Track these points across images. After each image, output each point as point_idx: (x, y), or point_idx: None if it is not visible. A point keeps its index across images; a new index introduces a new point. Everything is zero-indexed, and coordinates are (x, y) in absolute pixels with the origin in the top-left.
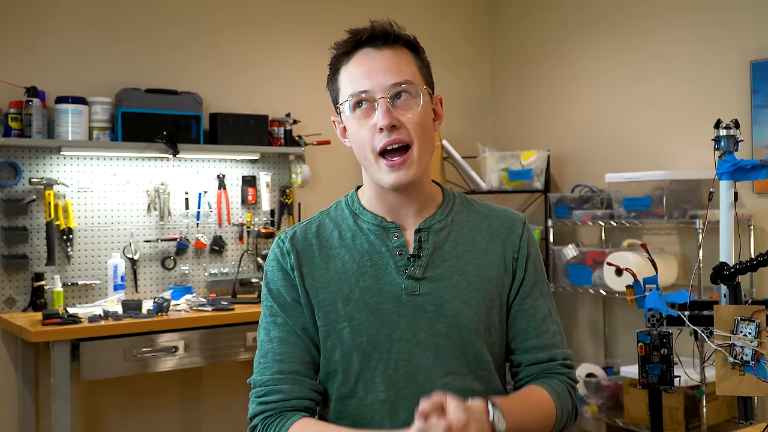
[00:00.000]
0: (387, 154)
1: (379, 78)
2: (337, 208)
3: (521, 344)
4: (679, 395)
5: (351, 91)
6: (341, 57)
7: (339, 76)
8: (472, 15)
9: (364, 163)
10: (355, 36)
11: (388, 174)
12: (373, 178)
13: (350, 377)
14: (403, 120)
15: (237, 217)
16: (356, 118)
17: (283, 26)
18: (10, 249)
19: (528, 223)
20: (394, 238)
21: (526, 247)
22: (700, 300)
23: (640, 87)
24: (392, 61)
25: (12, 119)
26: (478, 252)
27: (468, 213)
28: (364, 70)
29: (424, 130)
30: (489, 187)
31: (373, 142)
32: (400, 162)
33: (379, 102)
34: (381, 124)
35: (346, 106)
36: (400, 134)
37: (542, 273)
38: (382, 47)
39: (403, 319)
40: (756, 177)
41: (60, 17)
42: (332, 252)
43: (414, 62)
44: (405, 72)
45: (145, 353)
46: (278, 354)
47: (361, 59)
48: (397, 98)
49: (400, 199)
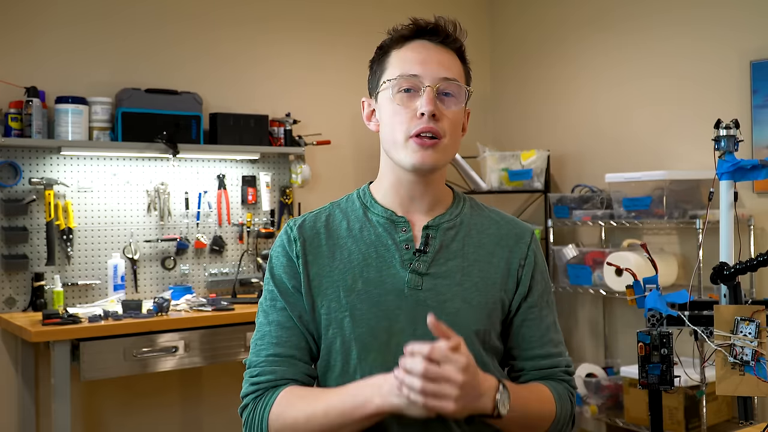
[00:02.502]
0: (419, 136)
1: (432, 68)
2: (348, 200)
3: (525, 352)
4: (679, 395)
5: (400, 72)
6: (397, 40)
7: (389, 57)
8: (472, 14)
9: (389, 146)
10: (418, 25)
11: (415, 152)
12: (396, 160)
13: (349, 368)
14: (443, 111)
15: (237, 217)
16: (397, 101)
17: (283, 25)
18: (10, 249)
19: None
20: (402, 232)
21: (533, 257)
22: (700, 300)
23: (640, 86)
24: (446, 57)
25: (12, 119)
26: (484, 255)
27: (477, 217)
28: (419, 57)
29: (456, 130)
30: (489, 187)
31: (409, 125)
32: (430, 143)
33: (425, 89)
34: (424, 110)
35: (390, 85)
36: (437, 125)
37: (549, 283)
38: (440, 44)
39: (403, 312)
40: (756, 177)
41: (59, 17)
42: (339, 242)
43: (462, 68)
44: (455, 71)
45: (145, 353)
46: (275, 337)
47: (418, 47)
48: (442, 94)
49: (415, 191)
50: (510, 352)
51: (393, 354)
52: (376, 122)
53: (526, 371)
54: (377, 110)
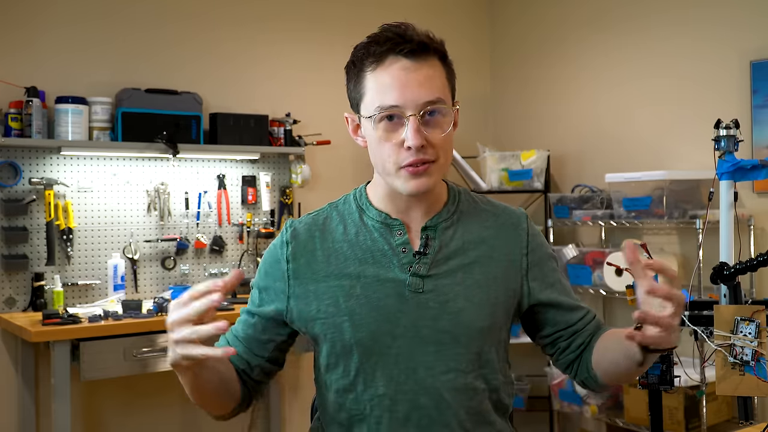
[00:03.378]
0: (410, 166)
1: (412, 93)
2: (345, 202)
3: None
4: (679, 395)
5: (380, 103)
6: (370, 60)
7: (365, 80)
8: (472, 14)
9: (381, 172)
10: (390, 43)
11: (408, 181)
12: (390, 185)
13: (350, 371)
14: (431, 139)
15: (237, 217)
16: (381, 131)
17: (284, 25)
18: (10, 249)
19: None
20: (397, 236)
21: (534, 240)
22: (700, 300)
23: (640, 86)
24: (425, 75)
25: (12, 119)
26: (484, 250)
27: (474, 211)
28: (397, 83)
29: (447, 145)
30: (489, 187)
31: (398, 157)
32: (423, 170)
33: (409, 120)
34: (411, 144)
35: (371, 119)
36: (426, 154)
37: (552, 252)
38: (417, 59)
39: (405, 315)
40: (756, 177)
41: (59, 17)
42: (335, 246)
43: (444, 74)
44: (437, 88)
45: (145, 353)
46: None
47: (395, 70)
48: (428, 115)
49: (411, 200)
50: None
51: (395, 357)
52: (363, 139)
53: (579, 332)
54: (362, 128)
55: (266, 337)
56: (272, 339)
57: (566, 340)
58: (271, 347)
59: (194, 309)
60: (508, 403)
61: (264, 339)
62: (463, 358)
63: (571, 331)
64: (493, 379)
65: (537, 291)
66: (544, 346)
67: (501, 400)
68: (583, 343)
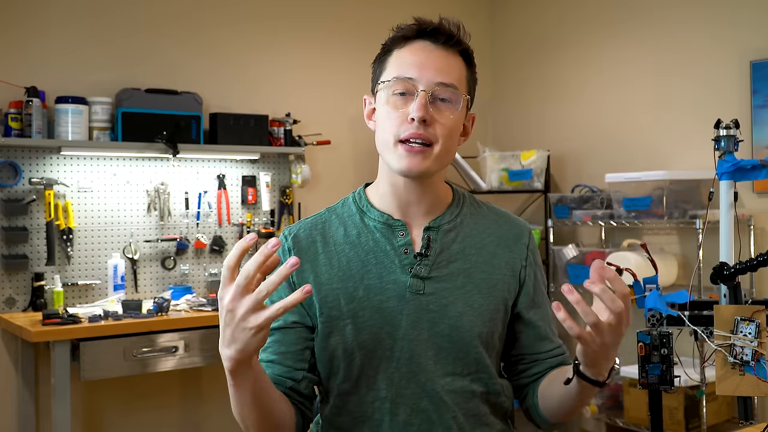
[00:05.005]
0: (408, 142)
1: (428, 72)
2: (344, 205)
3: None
4: (679, 395)
5: (396, 74)
6: (398, 40)
7: (390, 57)
8: (472, 14)
9: (381, 148)
10: (420, 25)
11: (403, 158)
12: (386, 162)
13: (352, 374)
14: (435, 118)
15: (237, 217)
16: (390, 103)
17: (284, 25)
18: (10, 249)
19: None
20: (399, 236)
21: (533, 256)
22: (700, 300)
23: (640, 86)
24: (446, 62)
25: (12, 119)
26: (485, 256)
27: (477, 215)
28: (417, 59)
29: (450, 137)
30: (489, 187)
31: (399, 128)
32: (419, 150)
33: (419, 94)
34: (414, 115)
35: (385, 86)
36: (427, 131)
37: (544, 275)
38: (441, 46)
39: (405, 317)
40: (756, 177)
41: (60, 17)
42: (337, 249)
43: (465, 72)
44: (454, 76)
45: (145, 353)
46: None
47: (417, 49)
48: (438, 99)
49: (411, 196)
50: (518, 345)
51: (396, 358)
52: (375, 122)
53: (540, 362)
54: (376, 102)
55: (300, 347)
56: (306, 346)
57: (525, 364)
58: (308, 355)
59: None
60: (508, 406)
61: (298, 349)
62: (461, 362)
63: (533, 358)
64: (491, 383)
65: (523, 306)
66: (504, 362)
67: (500, 403)
68: (539, 373)
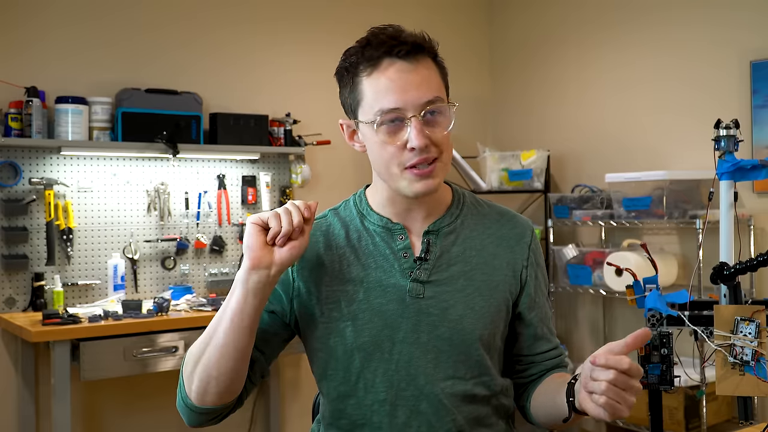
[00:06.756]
0: (415, 167)
1: (411, 95)
2: (346, 207)
3: (535, 346)
4: (679, 395)
5: (379, 107)
6: (365, 64)
7: (360, 86)
8: (472, 14)
9: (385, 176)
10: (385, 46)
11: (413, 183)
12: (394, 188)
13: (351, 376)
14: (433, 138)
15: (237, 217)
16: (382, 135)
17: (284, 26)
18: (10, 249)
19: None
20: (399, 240)
21: (534, 256)
22: (700, 300)
23: (640, 86)
24: (422, 76)
25: (12, 119)
26: (486, 257)
27: (477, 216)
28: (395, 85)
29: (448, 144)
30: (489, 187)
31: (401, 158)
32: (428, 171)
33: (411, 121)
34: (414, 145)
35: (372, 124)
36: (430, 152)
37: (546, 276)
38: (412, 61)
39: (405, 321)
40: (756, 177)
41: (60, 17)
42: (338, 251)
43: (438, 73)
44: (435, 88)
45: (145, 353)
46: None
47: (391, 73)
48: (428, 114)
49: (411, 203)
50: (518, 345)
51: (395, 362)
52: (361, 144)
53: (537, 363)
54: (360, 133)
55: (269, 332)
56: (275, 333)
57: (523, 365)
58: (273, 344)
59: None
60: (509, 405)
61: (267, 332)
62: (462, 365)
63: (530, 360)
64: (493, 385)
65: (525, 307)
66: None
67: (501, 403)
68: (535, 374)
